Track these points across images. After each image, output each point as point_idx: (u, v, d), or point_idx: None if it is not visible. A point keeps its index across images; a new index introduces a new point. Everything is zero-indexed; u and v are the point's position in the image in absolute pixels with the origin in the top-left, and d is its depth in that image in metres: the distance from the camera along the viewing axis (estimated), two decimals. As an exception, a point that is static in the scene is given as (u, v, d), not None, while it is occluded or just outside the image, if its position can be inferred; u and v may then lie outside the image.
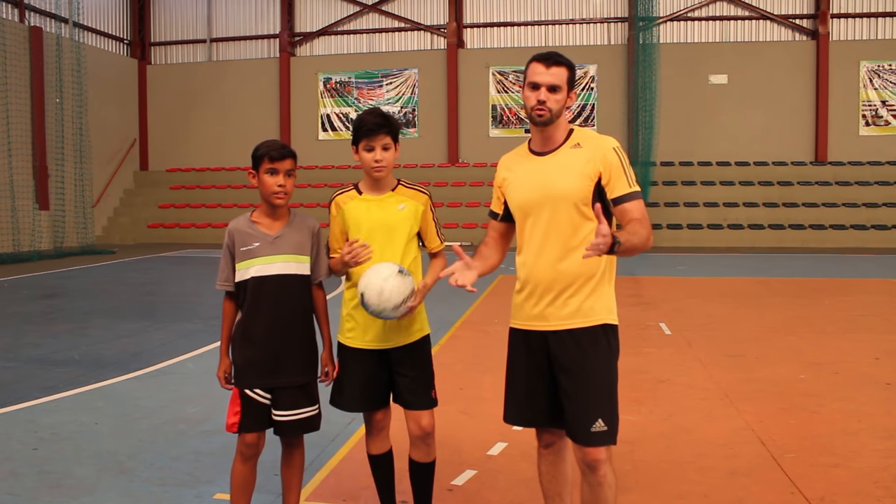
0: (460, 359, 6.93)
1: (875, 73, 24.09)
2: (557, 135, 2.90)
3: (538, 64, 2.82)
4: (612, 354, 2.86)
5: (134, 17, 27.63)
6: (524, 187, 2.91)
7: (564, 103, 2.85)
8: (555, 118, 2.83)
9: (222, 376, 3.22)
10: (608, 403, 2.79)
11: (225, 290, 3.23)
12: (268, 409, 3.14)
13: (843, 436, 4.72)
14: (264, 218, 3.19)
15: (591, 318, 2.82)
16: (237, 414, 3.13)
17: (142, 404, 5.53)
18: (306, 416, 3.18)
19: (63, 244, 20.30)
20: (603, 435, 2.75)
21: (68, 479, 4.03)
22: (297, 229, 3.20)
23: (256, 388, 3.13)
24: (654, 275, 14.27)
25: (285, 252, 3.15)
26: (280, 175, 3.10)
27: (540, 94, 2.80)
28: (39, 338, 8.20)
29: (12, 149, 19.31)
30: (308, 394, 3.19)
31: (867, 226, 21.93)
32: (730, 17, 25.07)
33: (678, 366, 6.73)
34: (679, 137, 23.99)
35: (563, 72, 2.81)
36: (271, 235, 3.15)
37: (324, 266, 3.28)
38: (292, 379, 3.14)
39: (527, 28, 26.06)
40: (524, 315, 2.93)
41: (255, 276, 3.12)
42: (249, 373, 3.13)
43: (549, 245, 2.84)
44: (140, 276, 15.22)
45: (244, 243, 3.14)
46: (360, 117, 3.23)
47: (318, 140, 26.47)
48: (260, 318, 3.12)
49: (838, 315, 9.59)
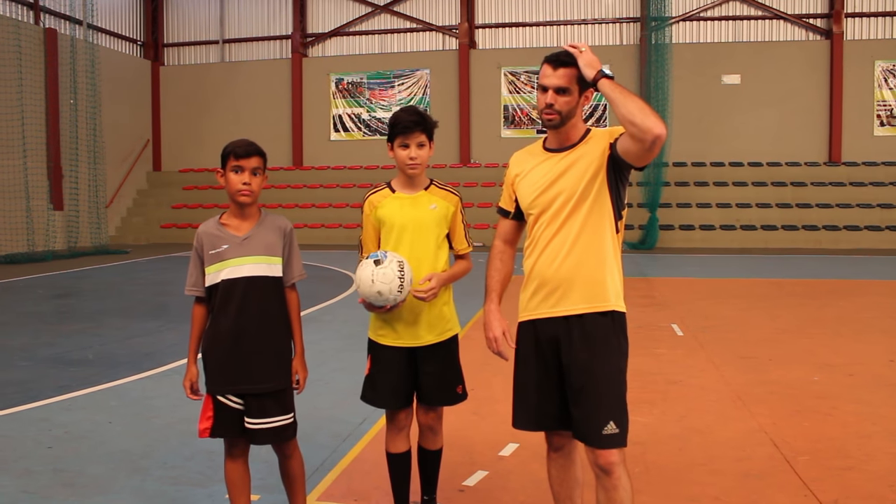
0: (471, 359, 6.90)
1: (890, 72, 23.90)
2: (573, 134, 2.85)
3: (547, 66, 2.78)
4: (623, 355, 2.82)
5: (147, 18, 27.79)
6: (536, 185, 2.87)
7: (576, 104, 2.78)
8: (565, 120, 2.79)
9: (188, 385, 3.13)
10: (618, 405, 2.75)
11: (194, 295, 3.15)
12: (241, 414, 3.07)
13: (857, 438, 4.68)
14: (233, 219, 3.13)
15: (600, 304, 2.78)
16: (209, 419, 3.06)
17: (155, 404, 5.56)
18: (277, 426, 3.07)
19: (77, 244, 20.45)
20: (615, 437, 2.71)
21: (82, 477, 4.06)
22: (268, 230, 3.12)
23: (227, 394, 3.05)
24: (666, 276, 14.22)
25: (255, 253, 3.06)
26: (245, 173, 3.03)
27: (547, 97, 2.76)
28: (53, 337, 8.26)
29: (27, 149, 19.45)
30: (280, 402, 3.09)
31: (881, 227, 21.75)
32: (743, 17, 24.94)
33: (690, 367, 6.70)
34: (691, 138, 23.88)
35: (572, 72, 2.75)
36: (240, 237, 3.08)
37: (297, 267, 3.19)
38: (263, 385, 3.05)
39: (538, 28, 26.02)
40: (532, 307, 2.90)
41: (224, 280, 3.04)
42: (220, 378, 3.05)
43: (558, 243, 2.80)
44: (153, 276, 15.31)
45: (213, 246, 3.07)
46: (396, 115, 3.25)
47: (330, 141, 26.52)
48: (229, 322, 3.02)
49: (852, 317, 9.52)
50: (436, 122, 3.29)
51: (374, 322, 3.32)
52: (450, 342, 3.34)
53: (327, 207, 24.14)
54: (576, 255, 2.79)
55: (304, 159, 26.34)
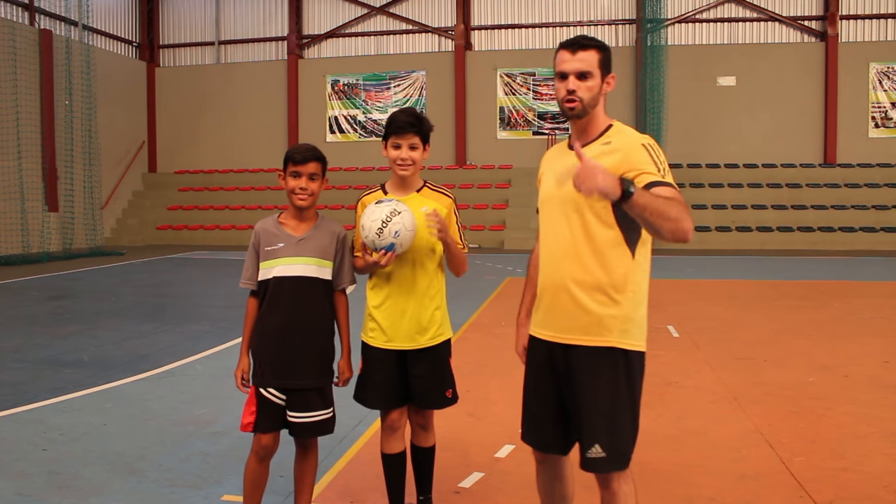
0: (468, 361, 6.92)
1: (884, 74, 23.99)
2: (592, 128, 2.63)
3: (564, 51, 2.58)
4: (625, 376, 2.59)
5: (143, 19, 27.77)
6: (548, 184, 2.70)
7: (600, 90, 2.58)
8: (588, 108, 2.57)
9: (239, 376, 3.22)
10: (611, 428, 2.56)
11: (248, 288, 3.25)
12: (283, 409, 3.16)
13: (852, 439, 4.69)
14: (290, 219, 3.23)
15: (598, 338, 2.56)
16: (253, 414, 3.15)
17: (150, 406, 5.55)
18: (320, 419, 3.19)
19: (72, 246, 20.42)
20: (600, 462, 2.54)
21: (77, 479, 4.05)
22: (322, 233, 3.22)
23: (270, 388, 3.15)
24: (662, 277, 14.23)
25: (307, 255, 3.17)
26: (303, 178, 3.13)
27: (568, 83, 2.55)
28: (48, 339, 8.23)
29: (22, 151, 19.41)
30: (322, 397, 3.20)
31: (877, 228, 21.83)
32: (738, 19, 25.01)
33: (686, 369, 6.71)
34: (687, 139, 23.94)
35: (593, 55, 2.56)
36: (296, 237, 3.18)
37: (348, 273, 3.29)
38: (306, 381, 3.15)
39: (534, 30, 26.05)
40: (536, 320, 2.78)
41: (276, 276, 3.15)
42: (265, 372, 3.16)
43: (559, 247, 2.62)
44: (148, 278, 15.27)
45: (269, 243, 3.18)
46: (393, 115, 3.26)
47: (325, 142, 26.50)
48: (277, 318, 3.13)
49: (847, 318, 9.54)
50: (432, 125, 3.29)
51: (367, 324, 3.33)
52: (440, 346, 3.33)
53: (323, 209, 24.07)
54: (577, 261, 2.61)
55: (299, 161, 26.32)
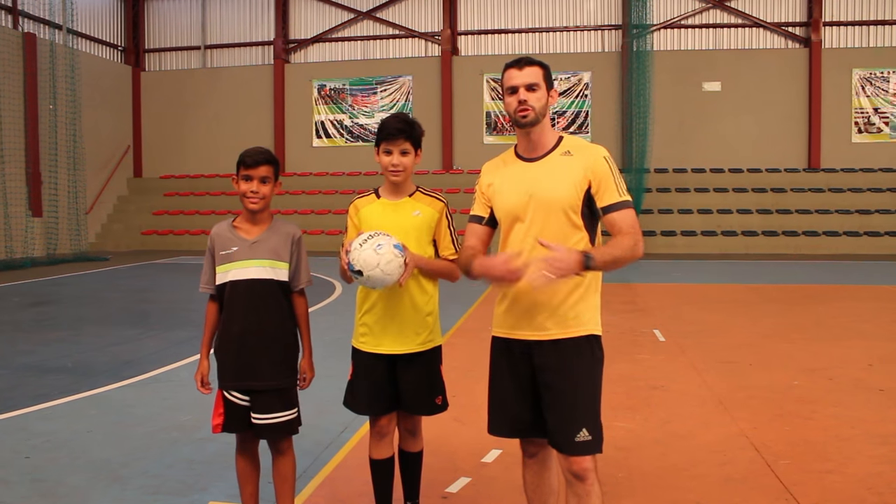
0: (454, 366, 6.91)
1: (867, 80, 24.22)
2: (545, 140, 2.87)
3: (511, 69, 2.83)
4: (597, 362, 2.81)
5: (128, 23, 27.62)
6: (513, 193, 2.85)
7: (546, 102, 2.82)
8: (539, 117, 2.80)
9: (198, 378, 3.28)
10: (591, 412, 2.75)
11: (207, 292, 3.30)
12: (247, 411, 3.20)
13: (837, 442, 4.72)
14: (244, 223, 3.26)
15: (577, 329, 2.78)
16: (221, 415, 3.22)
17: (135, 412, 5.51)
18: (283, 420, 3.22)
19: (56, 251, 20.24)
20: (587, 444, 2.72)
21: (61, 487, 4.01)
22: (276, 235, 3.25)
23: (232, 391, 3.19)
24: (647, 282, 14.29)
25: (261, 257, 3.19)
26: (254, 181, 3.16)
27: (519, 94, 2.79)
28: (32, 345, 8.16)
29: (5, 155, 19.24)
30: (285, 398, 3.22)
31: (860, 232, 22.02)
32: (723, 25, 25.18)
33: (672, 372, 6.74)
34: (673, 144, 24.08)
35: (537, 70, 2.81)
36: (249, 240, 3.21)
37: (304, 274, 3.30)
38: (266, 382, 3.18)
39: (521, 35, 26.13)
40: (507, 324, 2.90)
41: (231, 280, 3.19)
42: (226, 375, 3.21)
43: (536, 253, 2.69)
44: (133, 284, 15.17)
45: (223, 247, 3.22)
46: (384, 121, 3.27)
47: (312, 147, 26.46)
48: (235, 321, 3.18)
49: (832, 321, 9.61)
50: (423, 130, 3.30)
51: (357, 329, 3.33)
52: (431, 353, 3.33)
53: (309, 214, 24.06)
54: None
55: (286, 165, 26.25)
